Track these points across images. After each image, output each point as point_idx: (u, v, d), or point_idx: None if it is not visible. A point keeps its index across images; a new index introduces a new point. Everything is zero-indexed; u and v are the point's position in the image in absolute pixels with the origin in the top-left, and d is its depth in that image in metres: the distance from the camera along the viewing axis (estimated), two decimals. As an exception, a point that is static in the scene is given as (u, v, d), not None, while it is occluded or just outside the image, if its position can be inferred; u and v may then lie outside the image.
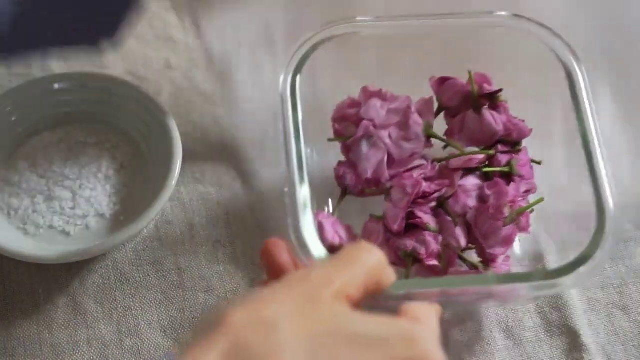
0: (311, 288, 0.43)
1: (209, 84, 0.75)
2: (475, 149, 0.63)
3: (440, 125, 0.65)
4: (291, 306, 0.42)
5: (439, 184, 0.61)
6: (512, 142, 0.63)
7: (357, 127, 0.62)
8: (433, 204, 0.61)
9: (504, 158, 0.62)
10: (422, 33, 0.64)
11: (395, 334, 0.43)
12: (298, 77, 0.59)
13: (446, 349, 0.62)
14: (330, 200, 0.63)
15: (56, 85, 0.69)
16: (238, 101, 0.70)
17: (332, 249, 0.56)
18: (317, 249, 0.52)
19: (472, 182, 0.61)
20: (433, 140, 0.63)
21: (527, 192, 0.62)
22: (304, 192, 0.54)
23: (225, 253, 0.66)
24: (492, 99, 0.64)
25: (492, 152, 0.62)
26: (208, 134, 0.72)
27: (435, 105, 0.65)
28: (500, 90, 0.64)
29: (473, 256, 0.62)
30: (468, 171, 0.62)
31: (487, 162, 0.62)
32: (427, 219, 0.60)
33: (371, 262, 0.46)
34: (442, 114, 0.66)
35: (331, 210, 0.63)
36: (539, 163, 0.65)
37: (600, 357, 0.62)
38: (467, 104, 0.64)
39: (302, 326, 0.41)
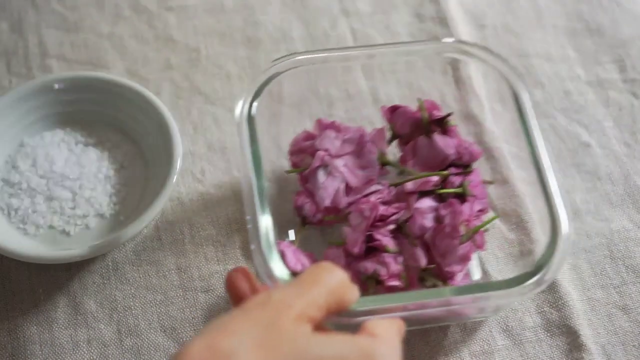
0: (271, 312, 0.43)
1: (209, 84, 0.75)
2: (431, 173, 0.65)
3: (397, 151, 0.68)
4: (250, 334, 0.42)
5: (396, 207, 0.63)
6: (463, 164, 0.66)
7: (313, 159, 0.64)
8: (391, 226, 0.63)
9: (456, 180, 0.64)
10: (372, 62, 0.66)
11: (355, 352, 0.43)
12: (254, 107, 0.60)
13: (445, 351, 0.62)
14: (294, 231, 0.65)
15: (56, 86, 0.69)
16: None
17: (296, 275, 0.58)
18: (281, 272, 0.53)
19: (427, 204, 0.63)
20: (390, 167, 0.66)
21: (481, 211, 0.64)
22: (265, 221, 0.55)
23: (225, 253, 0.66)
24: (442, 124, 0.66)
25: (445, 172, 0.64)
26: (208, 133, 0.72)
27: (389, 134, 0.67)
28: (450, 114, 0.66)
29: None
30: (423, 194, 0.64)
31: (441, 185, 0.64)
32: (386, 241, 0.62)
33: (332, 282, 0.47)
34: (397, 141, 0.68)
35: (292, 239, 0.64)
36: (491, 183, 0.67)
37: (600, 357, 0.62)
38: (418, 130, 0.67)
39: (261, 355, 0.41)
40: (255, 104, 0.60)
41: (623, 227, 0.68)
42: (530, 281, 0.55)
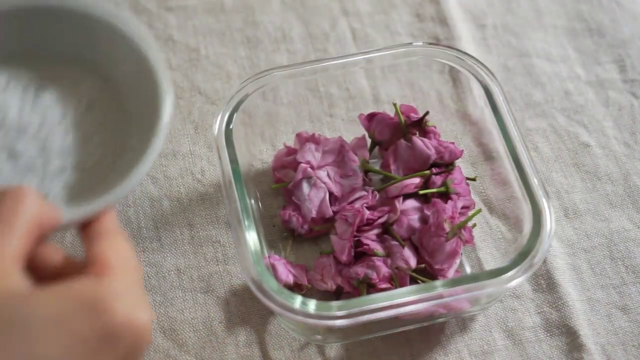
0: None
1: (209, 84, 0.75)
2: (411, 175, 0.65)
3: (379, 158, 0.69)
4: None
5: (381, 211, 0.64)
6: (445, 164, 0.67)
7: (295, 173, 0.65)
8: (378, 230, 0.64)
9: (439, 179, 0.66)
10: (345, 71, 0.67)
11: (74, 307, 0.35)
12: (232, 126, 0.62)
13: (444, 350, 0.62)
14: (283, 245, 0.66)
15: None
16: None
17: (288, 287, 0.61)
18: (271, 285, 0.55)
19: (412, 205, 0.64)
20: (373, 173, 0.67)
21: (466, 208, 0.65)
22: (252, 237, 0.57)
23: (224, 253, 0.66)
24: (420, 126, 0.67)
25: (426, 172, 0.65)
26: (208, 133, 0.72)
27: (370, 141, 0.69)
28: (427, 113, 0.67)
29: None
30: (408, 196, 0.65)
31: (424, 186, 0.65)
32: (374, 245, 0.63)
33: (31, 210, 0.39)
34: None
35: (283, 254, 0.65)
36: (473, 179, 0.68)
37: (600, 357, 0.62)
38: (398, 134, 0.68)
39: None
40: (231, 126, 0.62)
41: (623, 228, 0.68)
42: (520, 266, 0.56)
